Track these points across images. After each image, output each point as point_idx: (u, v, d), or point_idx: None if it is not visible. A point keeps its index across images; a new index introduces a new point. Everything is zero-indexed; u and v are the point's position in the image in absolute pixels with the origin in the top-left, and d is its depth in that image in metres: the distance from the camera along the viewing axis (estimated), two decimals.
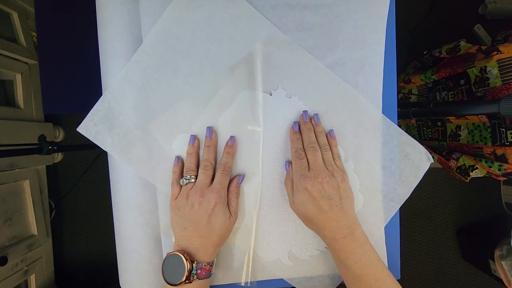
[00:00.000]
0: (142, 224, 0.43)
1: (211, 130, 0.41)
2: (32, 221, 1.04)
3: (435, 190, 1.26)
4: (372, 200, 0.44)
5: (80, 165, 1.21)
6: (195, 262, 0.37)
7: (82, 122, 0.41)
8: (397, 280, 0.38)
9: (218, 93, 0.42)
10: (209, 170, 0.40)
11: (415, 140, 0.44)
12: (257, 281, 0.45)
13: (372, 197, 0.44)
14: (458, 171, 0.83)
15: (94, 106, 0.41)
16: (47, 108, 0.69)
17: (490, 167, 0.72)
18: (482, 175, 0.78)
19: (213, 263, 0.39)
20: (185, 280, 0.35)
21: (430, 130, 0.96)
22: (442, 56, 0.86)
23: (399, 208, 0.45)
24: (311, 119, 0.42)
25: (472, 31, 1.16)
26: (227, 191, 0.41)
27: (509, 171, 0.68)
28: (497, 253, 1.00)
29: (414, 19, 1.21)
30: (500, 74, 0.66)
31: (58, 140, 1.18)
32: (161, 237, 0.43)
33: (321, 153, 0.40)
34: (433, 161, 0.44)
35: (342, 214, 0.38)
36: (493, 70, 0.67)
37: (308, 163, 0.40)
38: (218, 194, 0.39)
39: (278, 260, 0.44)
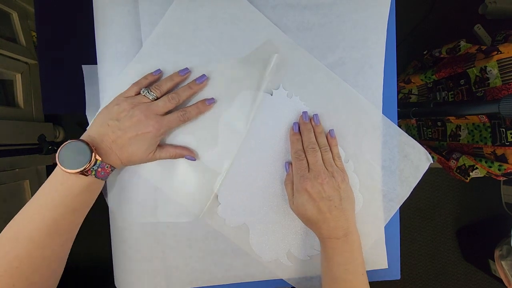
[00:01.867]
0: (140, 224, 0.43)
1: (204, 78, 0.40)
2: None
3: (435, 190, 1.26)
4: (372, 200, 0.44)
5: None
6: (100, 159, 0.35)
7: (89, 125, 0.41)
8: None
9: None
10: (172, 103, 0.38)
11: (414, 140, 0.44)
12: (257, 282, 0.45)
13: (372, 197, 0.44)
14: (458, 171, 0.83)
15: (98, 112, 0.41)
16: (47, 108, 0.69)
17: (490, 167, 0.72)
18: (482, 175, 0.78)
19: (113, 170, 0.37)
20: (82, 171, 0.33)
21: (430, 130, 0.96)
22: (442, 56, 0.86)
23: (399, 208, 0.45)
24: (310, 119, 0.42)
25: (472, 31, 1.16)
26: (176, 147, 0.41)
27: (509, 171, 0.68)
28: (497, 253, 1.00)
29: (414, 19, 1.21)
30: (500, 74, 0.66)
31: (58, 140, 1.18)
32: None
33: (321, 154, 0.40)
34: (432, 162, 0.44)
35: (342, 215, 0.38)
36: (493, 70, 0.67)
37: (308, 164, 0.40)
38: (159, 127, 0.37)
39: (277, 260, 0.44)
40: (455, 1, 1.19)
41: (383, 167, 0.44)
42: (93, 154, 0.34)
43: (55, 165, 0.34)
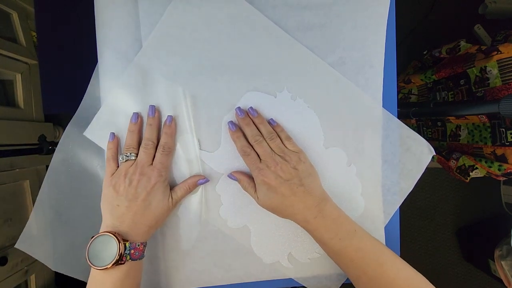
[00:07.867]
0: None
1: (154, 109, 0.40)
2: None
3: (435, 190, 1.26)
4: (374, 203, 0.44)
5: None
6: (128, 241, 0.35)
7: (88, 127, 0.42)
8: None
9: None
10: (150, 149, 0.39)
11: (416, 133, 0.44)
12: (257, 282, 0.45)
13: (374, 200, 0.44)
14: (458, 171, 0.83)
15: (98, 112, 0.42)
16: (47, 108, 0.69)
17: (490, 167, 0.72)
18: (482, 175, 0.78)
19: (146, 245, 0.38)
20: (116, 262, 0.33)
21: (430, 130, 0.96)
22: (442, 56, 0.86)
23: (400, 208, 0.45)
24: (246, 113, 0.41)
25: (472, 31, 1.16)
26: (185, 181, 0.41)
27: (509, 171, 0.68)
28: (497, 253, 1.00)
29: (414, 19, 1.21)
30: (500, 74, 0.66)
31: (58, 140, 1.18)
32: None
33: (268, 143, 0.40)
34: (434, 153, 0.44)
35: (307, 194, 0.38)
36: (493, 70, 0.67)
37: (258, 156, 0.39)
38: (159, 173, 0.38)
39: (277, 262, 0.44)
40: (455, 1, 1.19)
41: (385, 162, 0.44)
42: (119, 241, 0.34)
43: None
